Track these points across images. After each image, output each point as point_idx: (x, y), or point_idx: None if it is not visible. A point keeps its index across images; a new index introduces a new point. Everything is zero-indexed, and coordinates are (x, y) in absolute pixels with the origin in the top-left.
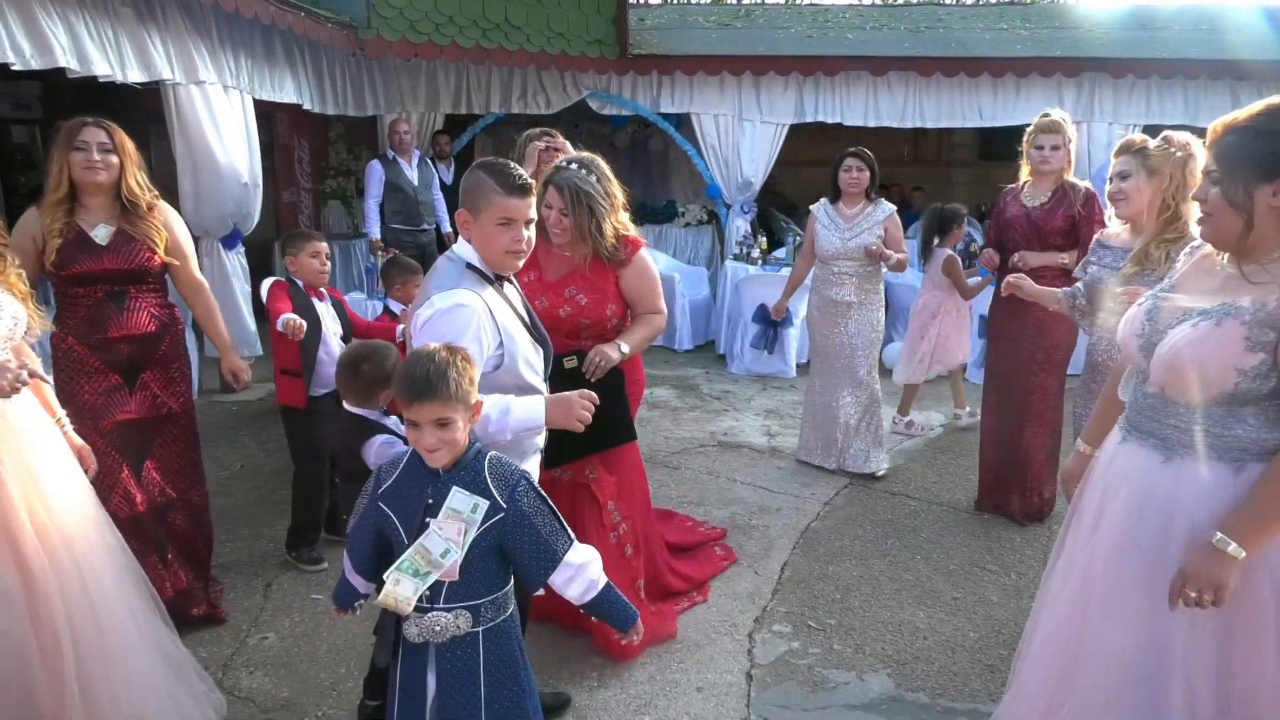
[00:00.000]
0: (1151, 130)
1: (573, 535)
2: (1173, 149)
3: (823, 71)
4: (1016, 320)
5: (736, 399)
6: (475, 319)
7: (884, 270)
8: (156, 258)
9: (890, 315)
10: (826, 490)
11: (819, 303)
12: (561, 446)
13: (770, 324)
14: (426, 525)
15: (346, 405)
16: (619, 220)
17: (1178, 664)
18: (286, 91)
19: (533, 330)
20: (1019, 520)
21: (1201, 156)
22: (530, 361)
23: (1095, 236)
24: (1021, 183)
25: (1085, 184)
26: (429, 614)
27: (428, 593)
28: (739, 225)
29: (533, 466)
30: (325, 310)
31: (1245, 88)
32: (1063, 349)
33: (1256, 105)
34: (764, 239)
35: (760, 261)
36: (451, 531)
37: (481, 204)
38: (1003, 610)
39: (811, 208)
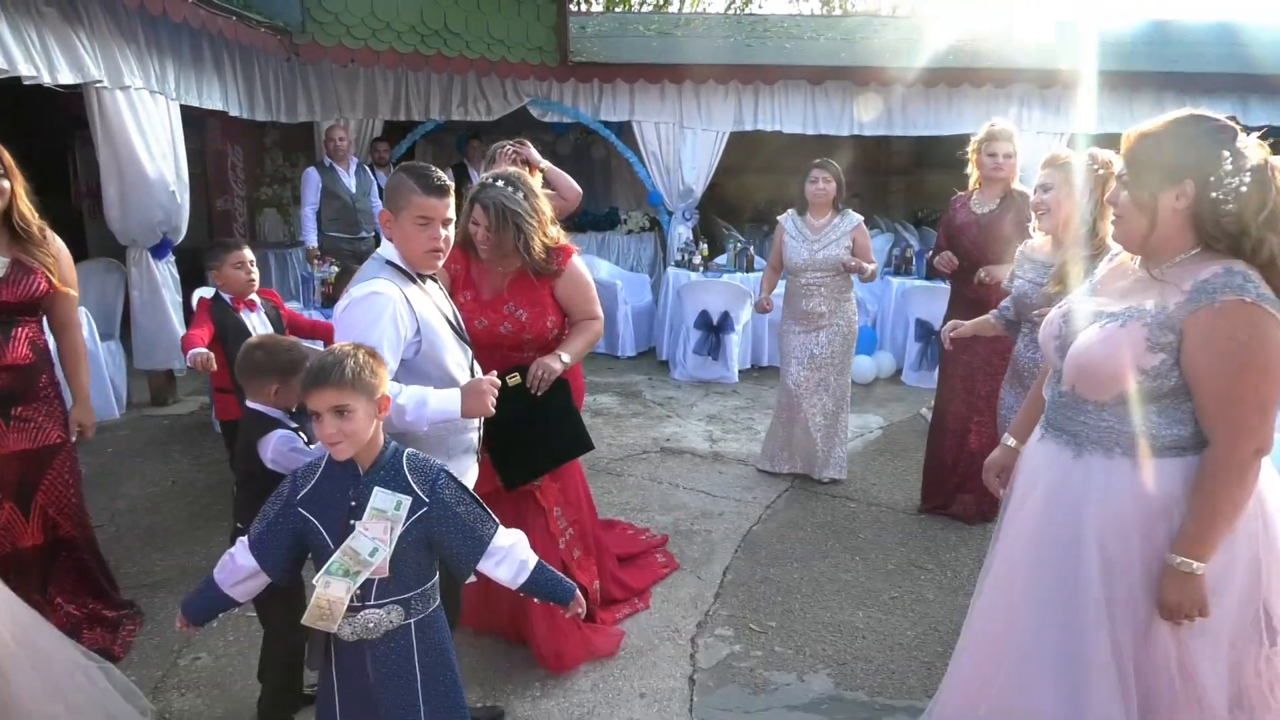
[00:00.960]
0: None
1: (497, 520)
2: (1095, 165)
3: (761, 80)
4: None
5: (679, 405)
6: (390, 305)
7: (855, 280)
8: (50, 287)
9: None
10: (768, 494)
11: (791, 314)
12: (525, 465)
13: (713, 330)
14: (352, 527)
15: (247, 401)
16: (548, 235)
17: (1094, 650)
18: (213, 97)
19: (456, 329)
20: (969, 521)
21: None
22: (455, 353)
23: (1020, 248)
24: (970, 190)
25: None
26: (361, 612)
27: (358, 592)
28: (681, 232)
29: (466, 467)
30: (256, 320)
31: (1180, 99)
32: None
33: (1164, 116)
34: (705, 246)
35: (702, 268)
36: (378, 530)
37: (401, 203)
38: (939, 608)
39: (779, 219)
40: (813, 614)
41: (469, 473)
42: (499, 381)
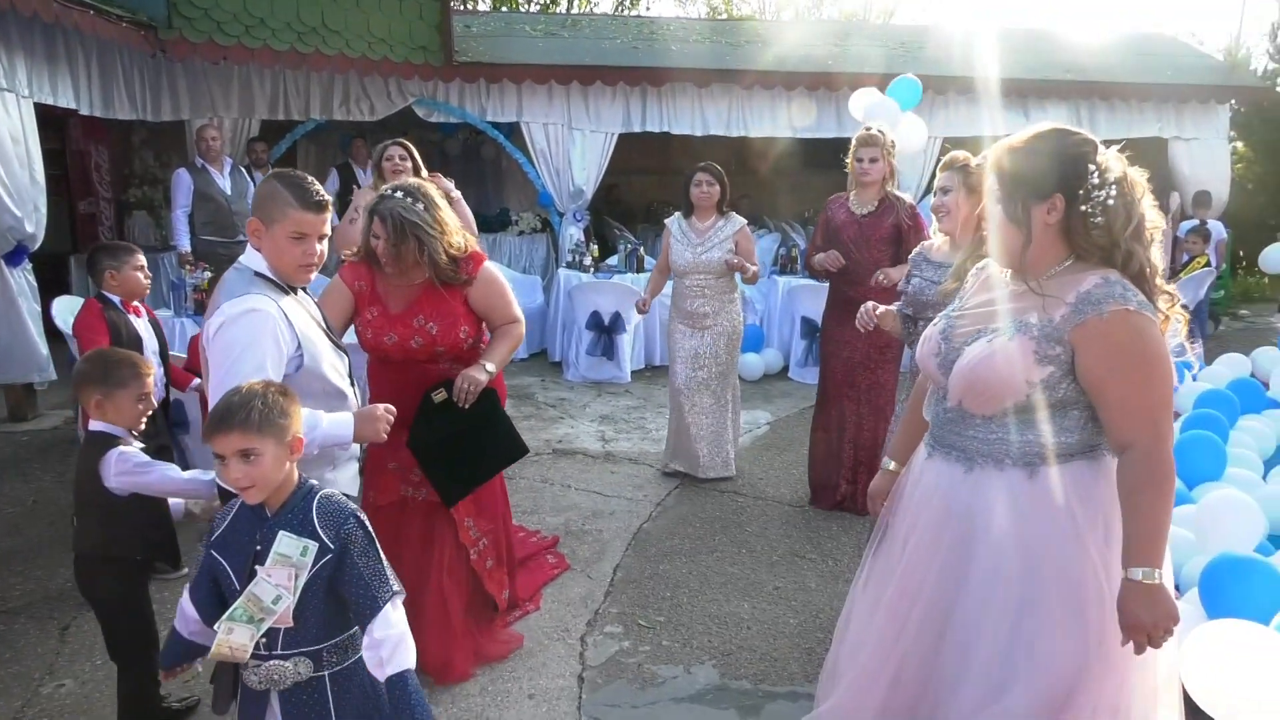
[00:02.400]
0: (968, 144)
1: (399, 588)
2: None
3: (649, 82)
4: (849, 324)
5: (572, 406)
6: (270, 322)
7: (739, 281)
8: None
9: None
10: (658, 492)
11: (678, 315)
12: (463, 480)
13: (605, 330)
14: (255, 572)
15: (90, 422)
16: (452, 243)
17: (981, 663)
18: (64, 95)
19: (331, 337)
20: (858, 512)
21: None
22: (334, 364)
23: (918, 249)
24: (849, 192)
25: (909, 198)
26: (267, 662)
27: (264, 640)
28: (572, 233)
29: (348, 475)
30: (144, 327)
31: (1048, 104)
32: (894, 346)
33: (1030, 130)
34: (596, 247)
35: (593, 269)
36: (281, 577)
37: (276, 215)
38: (820, 596)
39: (666, 221)
40: (700, 607)
41: (354, 482)
42: (394, 410)
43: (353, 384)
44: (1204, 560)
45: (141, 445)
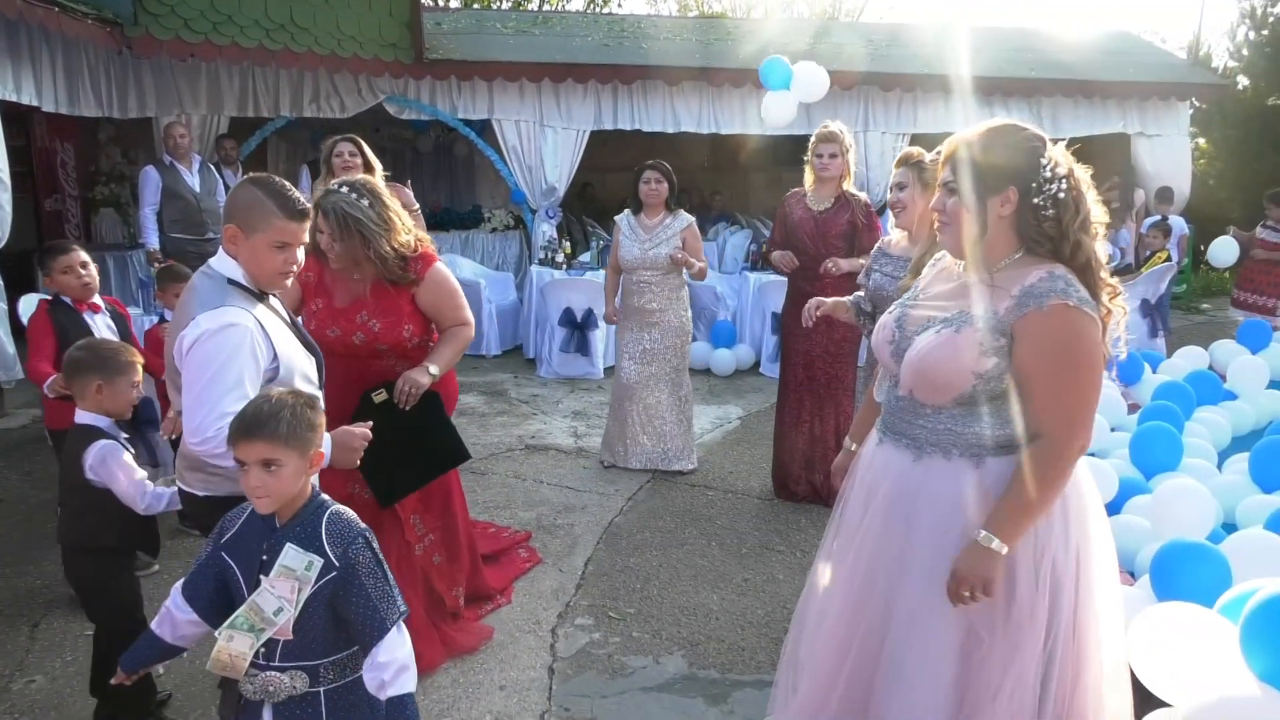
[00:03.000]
0: (925, 141)
1: (405, 609)
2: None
3: (619, 80)
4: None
5: (545, 402)
6: (248, 336)
7: (686, 277)
8: None
9: (692, 314)
10: (630, 486)
11: (626, 311)
12: (399, 483)
13: (577, 327)
14: (258, 583)
15: (77, 413)
16: (401, 241)
17: (930, 648)
18: (27, 92)
19: (301, 338)
20: (825, 503)
21: None
22: (305, 373)
23: (877, 244)
24: (806, 188)
25: (864, 195)
26: (264, 672)
27: (264, 650)
28: (544, 230)
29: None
30: (100, 324)
31: (1013, 101)
32: (850, 340)
33: (984, 125)
34: (569, 244)
35: (565, 266)
36: (284, 589)
37: (258, 224)
38: (788, 587)
39: (616, 219)
40: (670, 599)
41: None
42: (369, 435)
43: (321, 386)
44: (1157, 547)
45: (125, 437)
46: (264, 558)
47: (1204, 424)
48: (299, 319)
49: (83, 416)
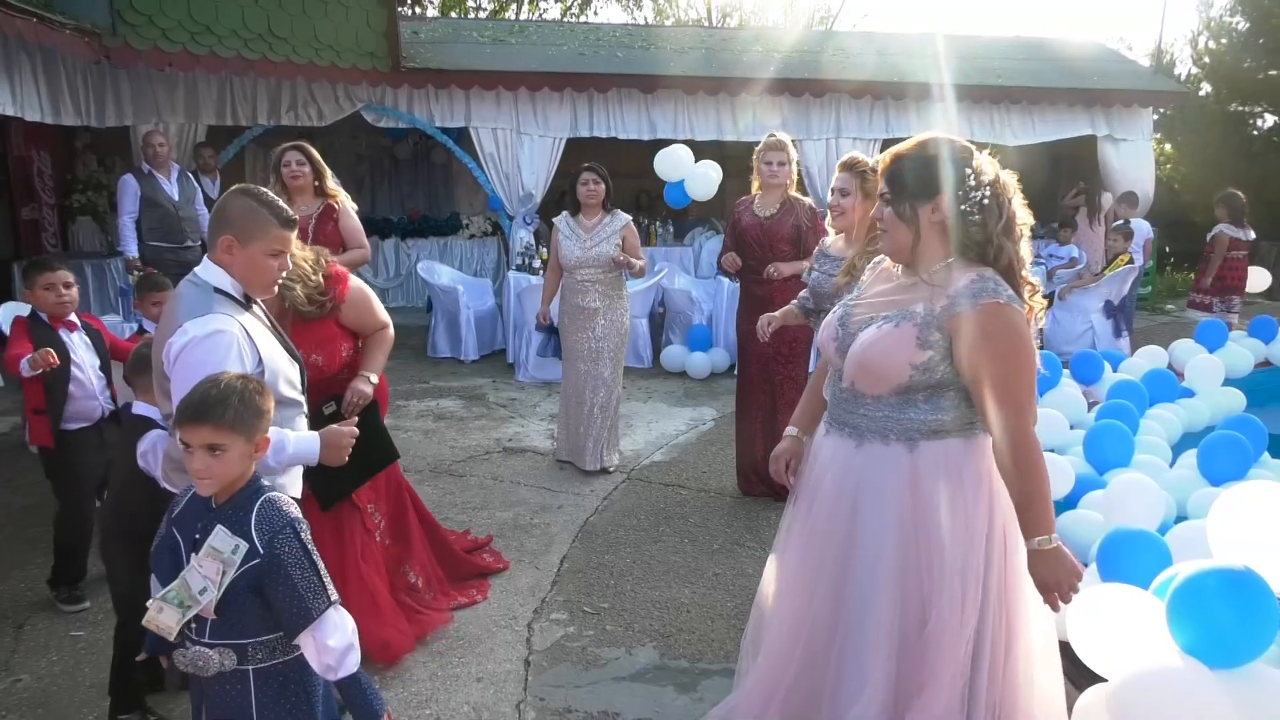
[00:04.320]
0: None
1: (335, 597)
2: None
3: (595, 88)
4: (758, 319)
5: (522, 406)
6: (235, 343)
7: (627, 277)
8: None
9: (668, 318)
10: (605, 486)
11: (568, 310)
12: (336, 485)
13: (552, 331)
14: (187, 560)
15: (133, 405)
16: (310, 284)
17: (873, 620)
18: (2, 101)
19: (285, 345)
20: (783, 499)
21: None
22: (290, 378)
23: (819, 245)
24: (753, 195)
25: (809, 199)
26: (194, 647)
27: (194, 625)
28: (522, 236)
29: (291, 476)
30: (76, 341)
31: (983, 107)
32: (801, 341)
33: (917, 138)
34: (546, 250)
35: (541, 271)
36: (210, 570)
37: (257, 233)
38: (756, 580)
39: (555, 221)
40: (642, 593)
41: (297, 484)
42: (357, 431)
43: (304, 391)
44: None
45: None
46: (197, 536)
47: (1159, 420)
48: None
49: (139, 408)
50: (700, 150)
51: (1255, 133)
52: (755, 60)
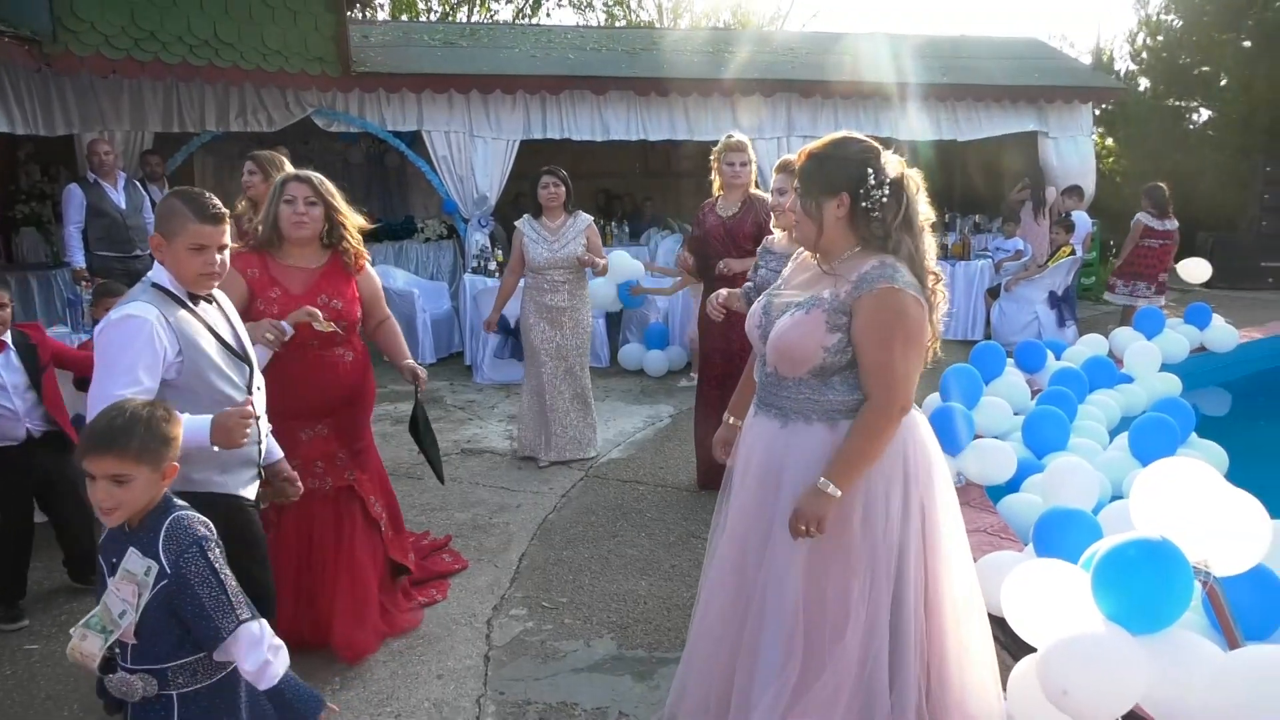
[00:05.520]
0: None
1: (247, 616)
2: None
3: (547, 90)
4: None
5: (480, 407)
6: (146, 328)
7: (589, 275)
8: None
9: (625, 317)
10: (563, 484)
11: (535, 310)
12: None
13: (510, 333)
14: (105, 585)
15: None
16: (355, 224)
17: (788, 597)
18: None
19: (231, 348)
20: None
21: None
22: (225, 373)
23: (763, 243)
24: (715, 196)
25: (768, 195)
26: (119, 672)
27: (118, 650)
28: (477, 239)
29: (246, 479)
30: (2, 362)
31: (928, 104)
32: None
33: (826, 137)
34: (501, 252)
35: (497, 274)
36: (127, 593)
37: (175, 229)
38: None
39: (516, 224)
40: (601, 587)
41: (250, 485)
42: (251, 411)
43: (250, 393)
44: None
45: None
46: (114, 560)
47: (1098, 405)
48: (242, 333)
49: None
50: (652, 150)
51: (1191, 127)
52: (706, 61)
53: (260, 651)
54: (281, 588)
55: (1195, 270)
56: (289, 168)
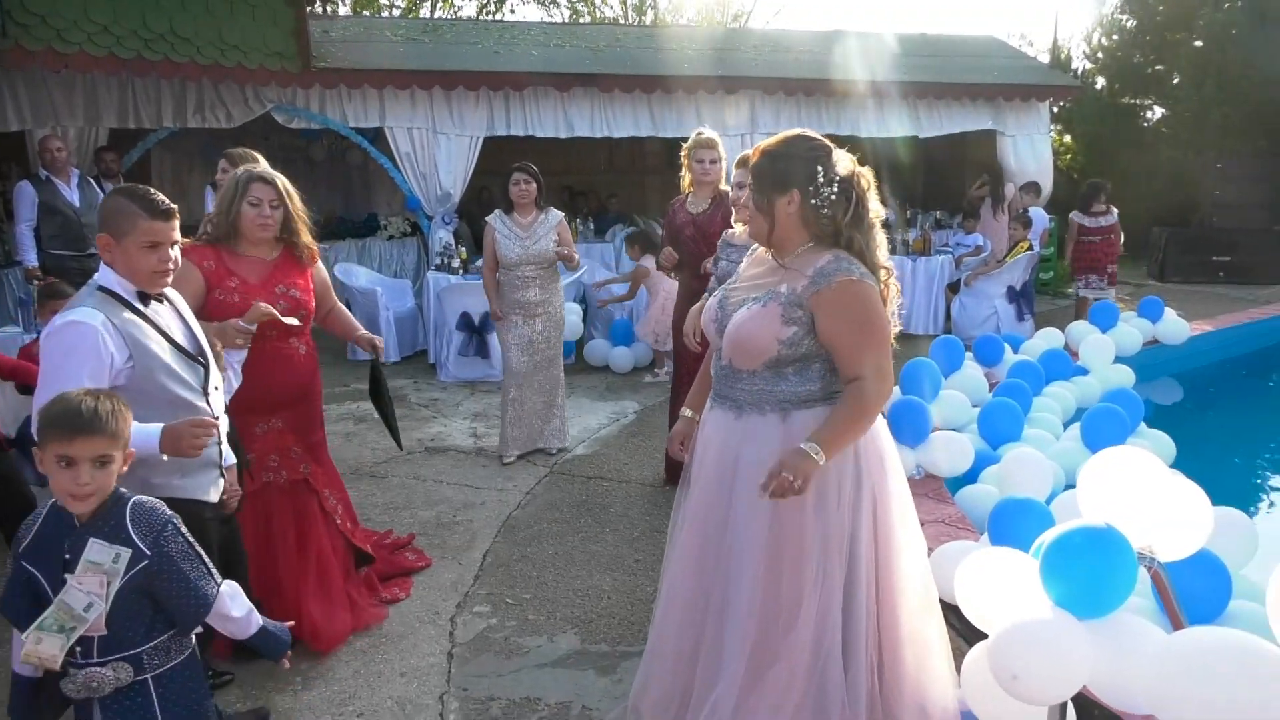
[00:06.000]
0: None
1: (219, 578)
2: None
3: (510, 86)
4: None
5: (445, 405)
6: (91, 334)
7: (561, 270)
8: None
9: (590, 313)
10: (528, 481)
11: (508, 306)
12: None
13: (475, 330)
14: (65, 581)
15: None
16: (310, 220)
17: (750, 580)
18: None
19: (184, 348)
20: None
21: None
22: (179, 375)
23: (724, 236)
24: (685, 193)
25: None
26: (85, 669)
27: (79, 648)
28: (441, 236)
29: (209, 481)
30: None
31: (889, 102)
32: None
33: (779, 135)
34: (465, 249)
35: (462, 271)
36: (93, 585)
37: (125, 228)
38: None
39: (488, 220)
40: (564, 583)
41: (213, 486)
42: (205, 422)
43: (205, 395)
44: None
45: None
46: (67, 556)
47: (1054, 397)
48: (198, 332)
49: None
50: (618, 147)
51: (1145, 124)
52: (671, 57)
53: (241, 599)
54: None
55: None
56: (264, 165)
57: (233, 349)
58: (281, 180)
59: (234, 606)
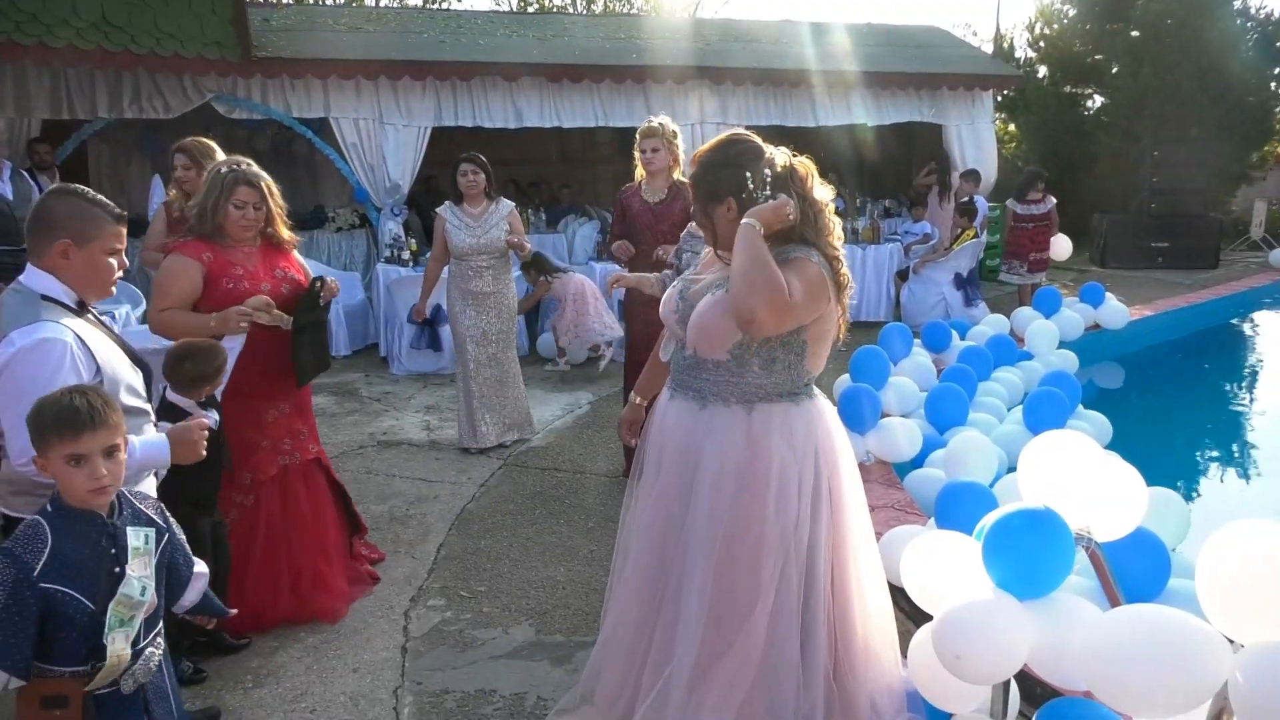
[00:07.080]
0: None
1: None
2: None
3: (458, 76)
4: (646, 303)
5: (397, 399)
6: (67, 352)
7: (513, 259)
8: None
9: (543, 305)
10: (482, 473)
11: (459, 296)
12: (312, 363)
13: (427, 323)
14: (119, 575)
15: (167, 395)
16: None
17: (706, 573)
18: None
19: (128, 351)
20: None
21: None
22: (132, 385)
23: (687, 228)
24: (639, 181)
25: None
26: (141, 655)
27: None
28: (390, 228)
29: (148, 484)
30: None
31: (836, 92)
32: None
33: (714, 139)
34: (414, 241)
35: (412, 263)
36: (139, 568)
37: (93, 232)
38: None
39: (438, 210)
40: (519, 574)
41: (150, 486)
42: (208, 424)
43: (149, 398)
44: None
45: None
46: (113, 551)
47: (1001, 382)
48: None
49: (171, 397)
50: (569, 136)
51: (1086, 113)
52: (619, 48)
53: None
54: (265, 564)
55: (1059, 247)
56: (220, 155)
57: (235, 333)
58: (265, 181)
59: (200, 564)
